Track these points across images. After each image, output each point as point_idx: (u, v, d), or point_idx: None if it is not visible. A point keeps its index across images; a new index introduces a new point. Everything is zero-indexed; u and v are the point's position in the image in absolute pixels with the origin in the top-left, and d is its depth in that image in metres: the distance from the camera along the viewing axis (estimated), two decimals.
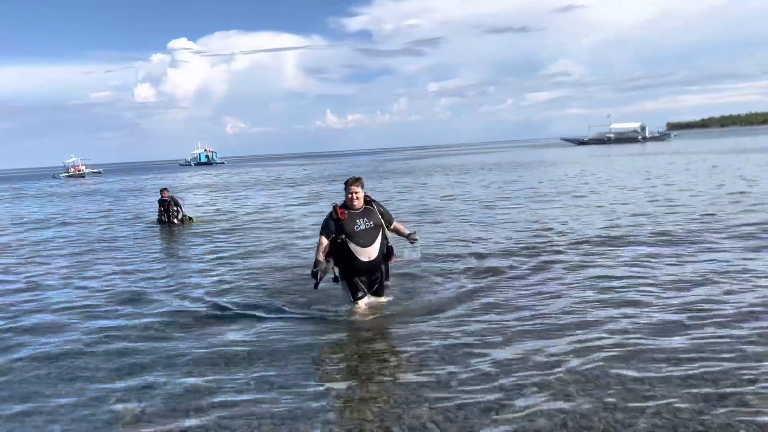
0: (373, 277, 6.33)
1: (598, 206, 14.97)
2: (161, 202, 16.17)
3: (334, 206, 6.16)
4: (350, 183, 6.12)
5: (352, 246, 6.03)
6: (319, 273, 6.04)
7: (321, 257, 6.05)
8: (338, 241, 6.03)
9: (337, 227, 6.03)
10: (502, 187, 23.08)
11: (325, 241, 6.07)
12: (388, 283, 6.54)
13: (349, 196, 6.07)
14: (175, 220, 15.89)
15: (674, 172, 25.09)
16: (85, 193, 38.12)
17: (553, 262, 8.52)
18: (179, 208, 16.12)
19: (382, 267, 6.35)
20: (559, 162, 43.58)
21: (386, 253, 6.29)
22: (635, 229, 10.96)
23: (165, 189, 16.83)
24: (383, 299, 6.55)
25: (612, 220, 12.37)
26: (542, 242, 10.19)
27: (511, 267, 8.37)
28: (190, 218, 16.30)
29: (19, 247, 13.54)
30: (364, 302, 6.33)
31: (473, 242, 10.63)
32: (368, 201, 6.20)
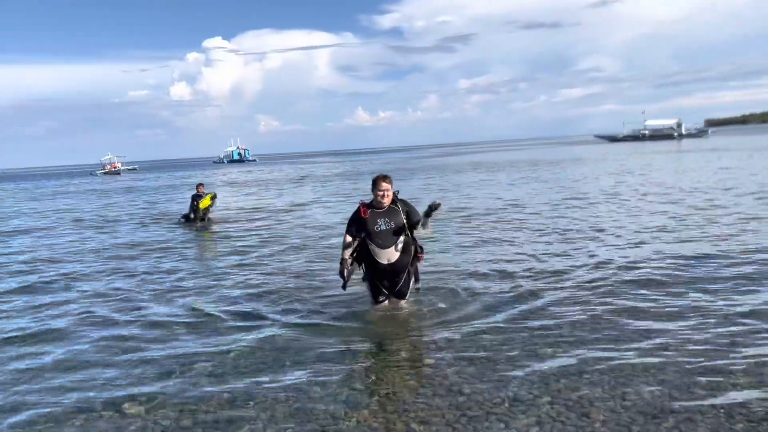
0: (396, 278, 6.12)
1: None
2: (195, 197, 15.91)
3: (359, 204, 6.05)
4: (379, 180, 5.91)
5: (372, 246, 5.91)
6: (346, 272, 5.95)
7: (346, 256, 5.96)
8: (360, 239, 5.95)
9: (359, 226, 5.92)
10: (554, 188, 22.71)
11: (348, 238, 5.98)
12: (418, 285, 6.31)
13: (378, 193, 5.87)
14: (207, 218, 15.76)
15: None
16: (114, 190, 38.76)
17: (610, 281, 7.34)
18: (213, 196, 16.01)
19: (409, 268, 6.14)
20: (598, 159, 42.83)
21: (413, 254, 6.07)
22: None
23: (201, 184, 16.47)
24: (404, 303, 6.34)
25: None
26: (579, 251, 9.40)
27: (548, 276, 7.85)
28: (215, 195, 16.24)
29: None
30: (383, 307, 6.23)
31: (520, 251, 9.64)
32: (394, 200, 5.98)
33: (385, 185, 5.86)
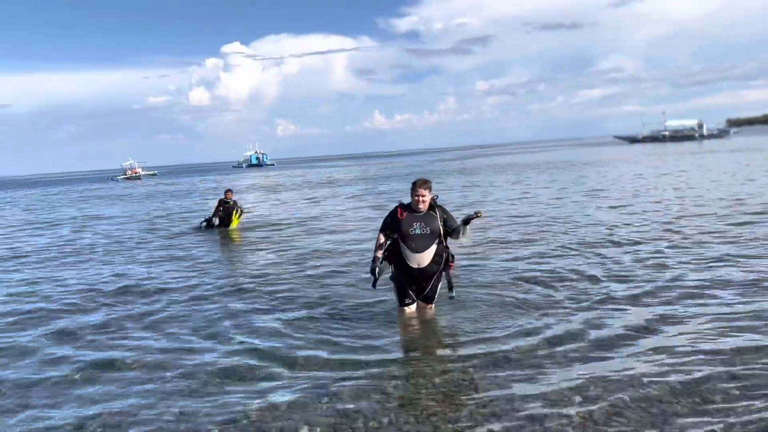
0: (425, 283, 6.10)
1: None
2: (223, 203, 15.24)
3: (397, 204, 6.04)
4: (417, 185, 5.88)
5: (404, 249, 5.88)
6: (377, 270, 5.94)
7: (379, 254, 5.95)
8: (390, 239, 5.94)
9: (394, 226, 5.91)
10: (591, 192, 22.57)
11: (382, 237, 5.99)
12: (453, 294, 6.08)
13: (416, 198, 5.87)
14: (233, 225, 15.07)
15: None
16: (132, 196, 39.13)
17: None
18: (240, 213, 15.29)
19: (441, 275, 6.09)
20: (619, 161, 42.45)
21: (444, 261, 6.00)
22: None
23: (230, 190, 15.80)
24: (431, 309, 6.27)
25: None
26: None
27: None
28: (242, 211, 15.49)
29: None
30: (410, 311, 6.20)
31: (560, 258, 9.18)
32: (432, 206, 5.94)
33: (422, 191, 5.84)
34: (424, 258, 5.87)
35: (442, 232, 5.88)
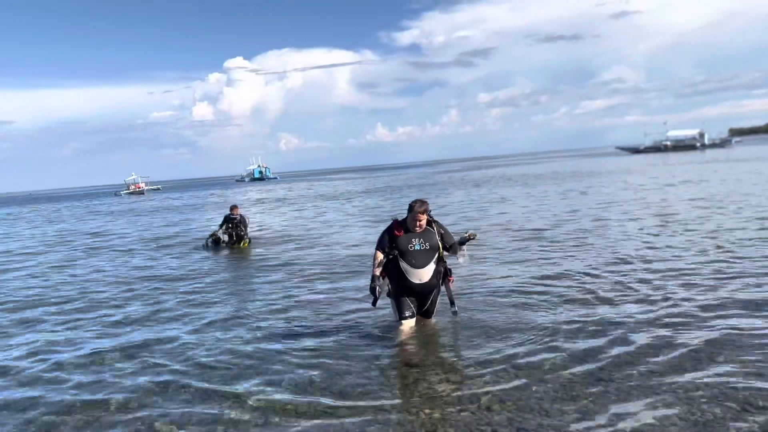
0: (425, 299, 6.15)
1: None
2: (229, 219, 14.83)
3: (393, 221, 6.06)
4: (416, 209, 5.87)
5: (404, 265, 5.91)
6: (378, 289, 5.95)
7: (377, 272, 5.96)
8: (390, 257, 5.94)
9: (391, 243, 5.93)
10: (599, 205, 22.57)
11: (380, 255, 5.98)
12: (455, 308, 6.18)
13: (414, 222, 5.88)
14: (243, 242, 14.64)
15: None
16: (132, 211, 39.28)
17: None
18: (246, 230, 14.88)
19: (440, 288, 6.19)
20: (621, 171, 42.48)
21: (443, 275, 6.11)
22: None
23: (235, 206, 15.26)
24: (432, 321, 6.33)
25: None
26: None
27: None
28: (249, 239, 14.99)
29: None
30: (410, 324, 6.11)
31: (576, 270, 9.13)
32: (429, 222, 5.99)
33: (420, 216, 5.86)
34: (426, 273, 5.93)
35: (441, 246, 5.94)
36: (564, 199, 22.46)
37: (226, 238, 14.80)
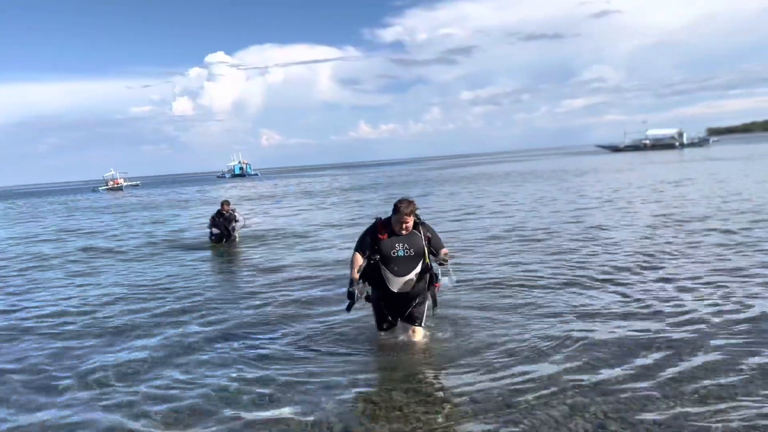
0: (407, 305, 5.59)
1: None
2: (219, 214, 14.44)
3: (376, 221, 5.48)
4: (401, 210, 5.26)
5: (385, 272, 5.37)
6: (356, 293, 5.38)
7: (356, 275, 5.37)
8: (371, 261, 5.39)
9: (374, 247, 5.37)
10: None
11: (359, 258, 5.39)
12: (436, 311, 5.75)
13: (399, 225, 5.30)
14: (235, 236, 14.44)
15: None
16: (104, 207, 38.74)
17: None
18: (235, 224, 14.46)
19: (426, 295, 5.61)
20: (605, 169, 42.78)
21: (428, 281, 5.53)
22: None
23: (226, 202, 14.80)
24: (419, 335, 5.67)
25: None
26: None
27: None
28: (235, 237, 14.59)
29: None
30: (389, 334, 5.73)
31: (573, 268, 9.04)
32: (415, 224, 5.39)
33: (406, 218, 5.28)
34: (408, 282, 5.38)
35: (426, 252, 5.37)
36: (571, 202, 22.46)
37: (216, 231, 14.39)
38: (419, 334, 5.70)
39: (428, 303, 5.71)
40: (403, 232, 5.33)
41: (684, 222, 13.24)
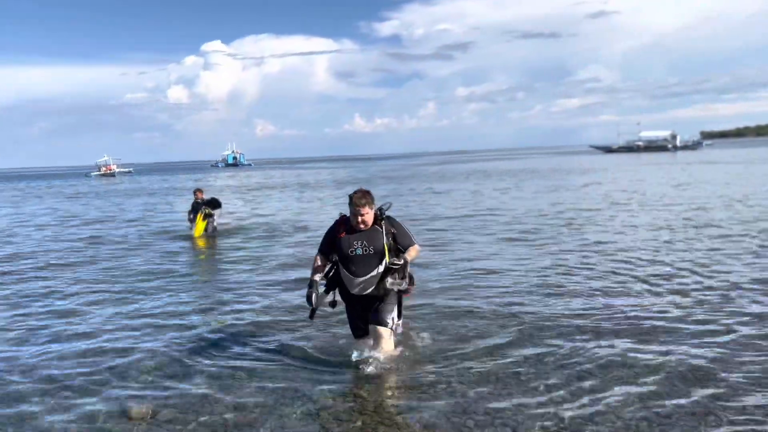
0: (371, 304, 4.97)
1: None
2: (194, 205, 13.94)
3: (339, 218, 5.02)
4: (355, 200, 4.76)
5: (343, 272, 4.85)
6: (314, 298, 4.84)
7: (317, 278, 4.91)
8: (332, 261, 4.97)
9: (332, 245, 4.92)
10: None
11: (320, 260, 4.98)
12: (399, 323, 5.06)
13: (355, 218, 4.78)
14: (214, 226, 13.93)
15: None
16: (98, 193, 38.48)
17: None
18: (213, 215, 13.93)
19: (397, 297, 4.98)
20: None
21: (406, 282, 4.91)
22: None
23: (199, 190, 14.37)
24: (384, 341, 4.97)
25: None
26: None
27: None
28: (210, 223, 13.85)
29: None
30: (366, 341, 5.11)
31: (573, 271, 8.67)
32: (379, 218, 4.87)
33: (361, 208, 4.73)
34: (368, 283, 4.78)
35: (387, 249, 4.77)
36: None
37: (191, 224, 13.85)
38: (385, 339, 4.97)
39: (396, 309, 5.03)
40: (362, 226, 4.77)
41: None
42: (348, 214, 4.90)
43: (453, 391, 4.50)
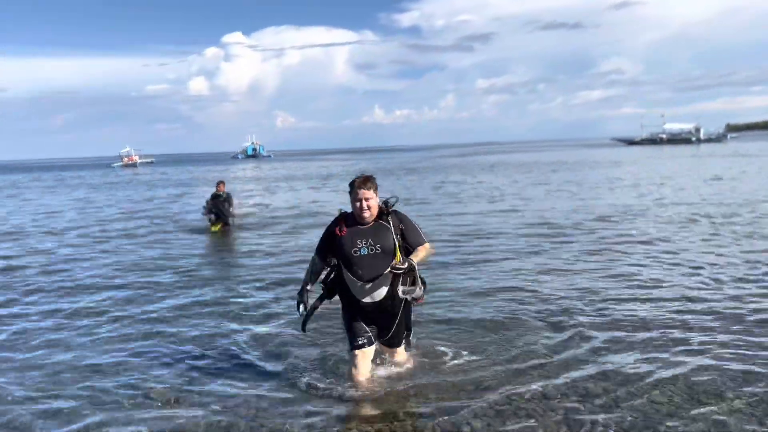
0: (387, 322, 4.36)
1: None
2: (215, 196, 13.57)
3: (339, 214, 4.35)
4: (356, 185, 4.14)
5: (348, 277, 4.21)
6: (305, 305, 4.34)
7: (308, 286, 4.39)
8: (332, 264, 4.34)
9: (332, 245, 4.27)
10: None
11: (317, 262, 4.37)
12: (410, 337, 4.61)
13: (357, 204, 4.15)
14: (232, 220, 13.72)
15: None
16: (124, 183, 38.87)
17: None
18: (232, 209, 13.68)
19: (410, 308, 4.46)
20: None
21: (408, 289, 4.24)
22: None
23: (221, 182, 14.03)
24: (402, 356, 4.63)
25: None
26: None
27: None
28: (227, 223, 13.61)
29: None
30: (367, 356, 4.37)
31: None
32: (385, 213, 4.24)
33: (364, 192, 4.11)
34: (378, 288, 4.17)
35: (398, 246, 4.15)
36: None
37: (213, 218, 13.43)
38: (401, 354, 4.64)
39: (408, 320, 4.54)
40: (365, 213, 4.13)
41: None
42: (346, 213, 4.34)
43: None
